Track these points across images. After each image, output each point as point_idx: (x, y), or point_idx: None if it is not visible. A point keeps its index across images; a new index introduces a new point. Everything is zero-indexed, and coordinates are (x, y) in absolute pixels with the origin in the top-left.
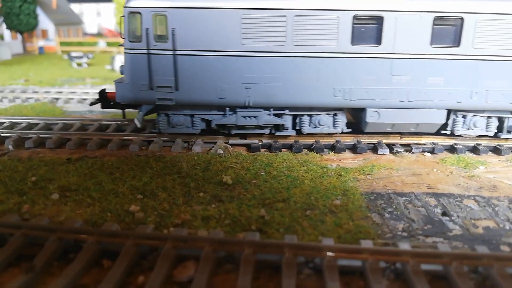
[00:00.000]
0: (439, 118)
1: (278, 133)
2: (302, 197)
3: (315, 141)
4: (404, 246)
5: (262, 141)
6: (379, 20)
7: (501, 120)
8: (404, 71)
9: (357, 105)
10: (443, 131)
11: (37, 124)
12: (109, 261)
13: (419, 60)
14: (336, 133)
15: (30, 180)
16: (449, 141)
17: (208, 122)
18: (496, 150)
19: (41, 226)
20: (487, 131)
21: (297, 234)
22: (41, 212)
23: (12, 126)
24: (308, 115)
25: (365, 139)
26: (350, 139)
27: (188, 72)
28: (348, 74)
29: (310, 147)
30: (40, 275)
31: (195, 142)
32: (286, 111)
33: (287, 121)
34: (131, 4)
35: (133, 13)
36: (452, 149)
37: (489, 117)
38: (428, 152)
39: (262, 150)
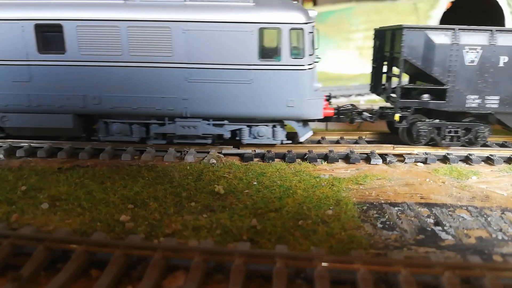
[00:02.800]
0: (66, 122)
1: None
2: (295, 207)
3: (308, 151)
4: (396, 256)
5: (255, 150)
6: None
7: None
8: (19, 77)
9: None
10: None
11: None
12: (97, 271)
13: (30, 66)
14: None
15: (20, 189)
16: (442, 152)
17: None
18: (489, 160)
19: (29, 236)
20: (133, 136)
21: (289, 244)
22: (30, 221)
23: None
24: None
25: (358, 149)
26: (343, 149)
27: None
28: None
29: (303, 157)
30: (27, 285)
31: (187, 151)
32: None
33: None
34: None
35: None
36: (444, 159)
37: (131, 123)
38: (421, 162)
39: (255, 160)
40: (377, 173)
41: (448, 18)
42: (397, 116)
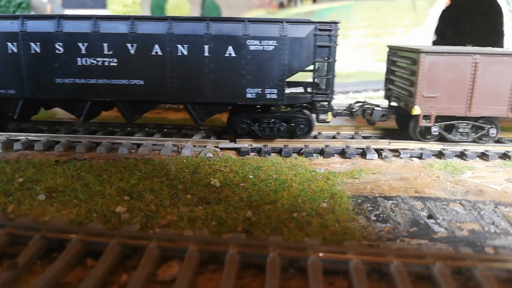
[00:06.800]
0: None
1: None
2: (290, 199)
3: (305, 145)
4: (389, 247)
5: (251, 145)
6: None
7: None
8: None
9: None
10: None
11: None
12: (93, 260)
13: None
14: None
15: (17, 181)
16: (437, 147)
17: None
18: (484, 156)
19: (25, 225)
20: None
21: (283, 235)
22: (26, 212)
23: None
24: None
25: (354, 144)
26: (339, 144)
27: None
28: None
29: (299, 152)
30: (23, 273)
31: (184, 145)
32: None
33: None
34: None
35: None
36: (440, 155)
37: None
38: (416, 157)
39: (252, 154)
40: (372, 168)
41: (447, 16)
42: None
